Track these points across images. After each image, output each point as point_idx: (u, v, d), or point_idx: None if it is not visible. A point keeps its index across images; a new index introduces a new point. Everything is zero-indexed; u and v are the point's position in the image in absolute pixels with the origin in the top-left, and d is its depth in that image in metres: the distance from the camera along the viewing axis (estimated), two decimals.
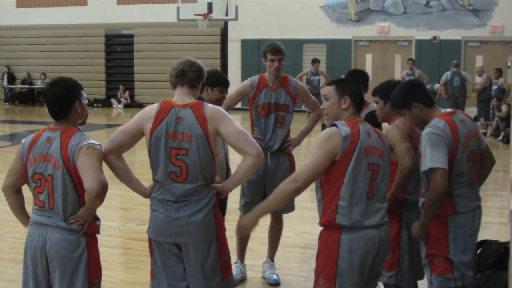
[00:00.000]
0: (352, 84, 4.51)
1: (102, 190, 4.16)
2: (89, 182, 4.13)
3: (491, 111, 19.13)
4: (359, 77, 6.00)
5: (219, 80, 5.95)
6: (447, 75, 19.07)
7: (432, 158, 4.63)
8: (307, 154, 4.41)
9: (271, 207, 4.49)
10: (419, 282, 5.44)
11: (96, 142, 4.31)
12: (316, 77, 20.41)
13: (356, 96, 4.44)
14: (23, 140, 4.46)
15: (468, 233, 4.84)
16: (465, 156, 4.81)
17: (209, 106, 4.60)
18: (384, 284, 5.30)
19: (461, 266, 4.82)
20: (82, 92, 4.46)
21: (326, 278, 4.29)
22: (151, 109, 4.59)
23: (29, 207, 4.53)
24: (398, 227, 5.16)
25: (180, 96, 4.64)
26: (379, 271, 4.55)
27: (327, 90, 4.49)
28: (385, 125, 5.50)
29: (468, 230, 4.83)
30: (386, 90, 5.27)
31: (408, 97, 4.91)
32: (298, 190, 4.27)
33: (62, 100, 4.33)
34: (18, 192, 4.56)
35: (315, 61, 20.83)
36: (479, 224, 4.96)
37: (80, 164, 4.19)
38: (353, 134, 4.24)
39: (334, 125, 4.31)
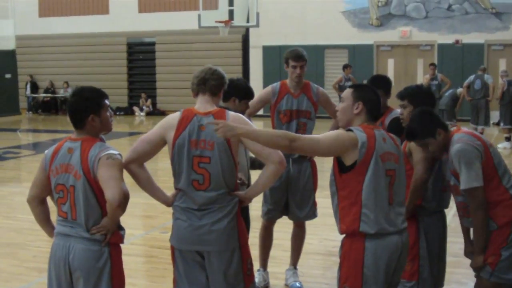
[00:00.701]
0: (370, 91, 4.46)
1: (123, 200, 4.15)
2: (110, 193, 4.11)
3: None
4: (382, 82, 5.95)
5: (248, 93, 5.93)
6: (470, 78, 18.98)
7: (468, 177, 4.68)
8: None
9: (259, 140, 4.22)
10: None
11: (116, 152, 4.30)
12: (348, 83, 20.24)
13: (371, 104, 4.38)
14: (46, 151, 4.47)
15: None
16: (499, 155, 4.90)
17: (231, 114, 4.60)
18: None
19: None
20: (106, 102, 4.44)
21: (352, 287, 4.26)
22: (173, 118, 4.59)
23: (53, 215, 4.54)
24: (416, 235, 5.13)
25: (202, 104, 4.64)
26: (399, 277, 4.53)
27: (345, 93, 4.47)
28: None
29: None
30: (417, 95, 5.24)
31: (431, 124, 4.87)
32: (287, 149, 4.17)
33: (76, 112, 4.34)
34: (43, 203, 4.56)
35: (346, 66, 20.78)
36: None
37: (101, 175, 4.18)
38: (369, 141, 4.21)
39: (351, 130, 4.27)
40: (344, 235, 4.36)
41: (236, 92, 5.72)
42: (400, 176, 4.37)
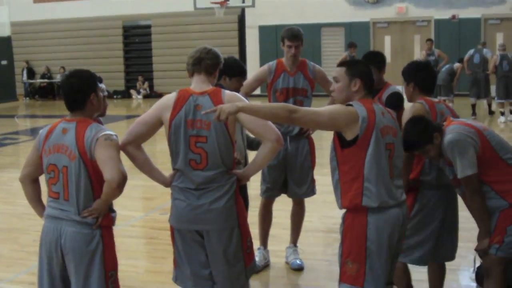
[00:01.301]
0: (363, 65, 4.44)
1: (122, 180, 4.13)
2: (109, 173, 4.11)
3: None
4: (375, 58, 5.94)
5: (238, 70, 5.92)
6: (469, 52, 19.11)
7: (462, 166, 4.70)
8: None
9: (259, 113, 4.18)
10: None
11: (112, 133, 4.29)
12: None
13: (366, 77, 4.35)
14: (40, 131, 4.47)
15: None
16: (497, 136, 4.90)
17: (227, 93, 4.59)
18: None
19: None
20: (101, 84, 4.45)
21: (355, 261, 4.25)
22: (168, 99, 4.58)
23: (45, 197, 4.53)
24: (410, 207, 5.11)
25: (198, 84, 4.62)
26: (400, 249, 4.55)
27: (338, 72, 4.38)
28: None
29: None
30: (408, 71, 5.27)
31: (426, 131, 4.84)
32: (287, 120, 4.16)
33: (77, 92, 4.32)
34: (35, 183, 4.57)
35: (351, 46, 20.72)
36: None
37: (99, 155, 4.17)
38: (369, 115, 4.20)
39: (351, 105, 4.25)
40: (344, 211, 4.36)
41: (226, 70, 5.71)
42: (398, 149, 4.36)
